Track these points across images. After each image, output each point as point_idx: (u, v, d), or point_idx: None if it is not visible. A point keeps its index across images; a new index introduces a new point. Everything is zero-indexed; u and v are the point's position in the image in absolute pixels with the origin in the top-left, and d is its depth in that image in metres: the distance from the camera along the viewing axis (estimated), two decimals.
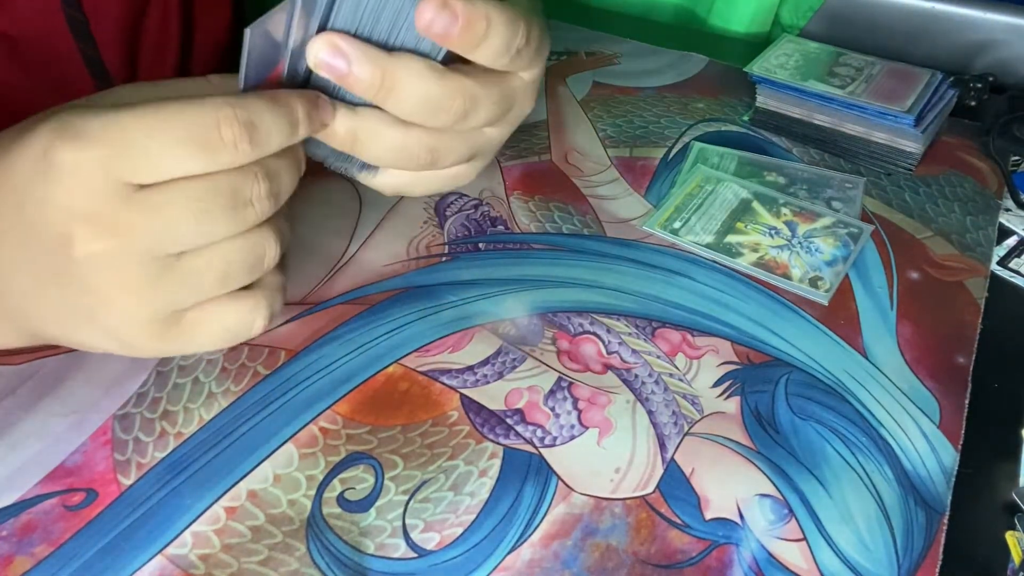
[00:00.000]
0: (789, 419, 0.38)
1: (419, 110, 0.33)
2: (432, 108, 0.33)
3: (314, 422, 0.36)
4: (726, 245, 0.46)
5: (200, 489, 0.34)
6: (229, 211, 0.30)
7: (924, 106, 0.53)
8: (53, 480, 0.34)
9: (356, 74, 0.32)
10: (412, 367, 0.39)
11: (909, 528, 0.34)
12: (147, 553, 0.32)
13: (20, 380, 0.37)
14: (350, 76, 0.32)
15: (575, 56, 0.64)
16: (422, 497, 0.34)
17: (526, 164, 0.52)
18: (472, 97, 0.33)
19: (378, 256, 0.45)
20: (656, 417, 0.37)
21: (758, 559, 0.33)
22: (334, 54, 0.31)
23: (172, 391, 0.37)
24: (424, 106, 0.33)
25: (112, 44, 0.47)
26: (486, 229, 0.47)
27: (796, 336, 0.41)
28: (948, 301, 0.44)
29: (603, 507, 0.34)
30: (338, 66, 0.31)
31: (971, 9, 0.62)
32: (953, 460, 0.36)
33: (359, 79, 0.32)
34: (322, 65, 0.32)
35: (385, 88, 0.32)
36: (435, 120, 0.34)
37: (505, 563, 0.32)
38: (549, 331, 0.41)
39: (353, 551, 0.32)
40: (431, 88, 0.33)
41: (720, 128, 0.56)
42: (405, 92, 0.32)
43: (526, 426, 0.37)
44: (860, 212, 0.49)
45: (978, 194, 0.51)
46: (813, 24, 0.67)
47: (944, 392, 0.39)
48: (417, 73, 0.32)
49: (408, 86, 0.32)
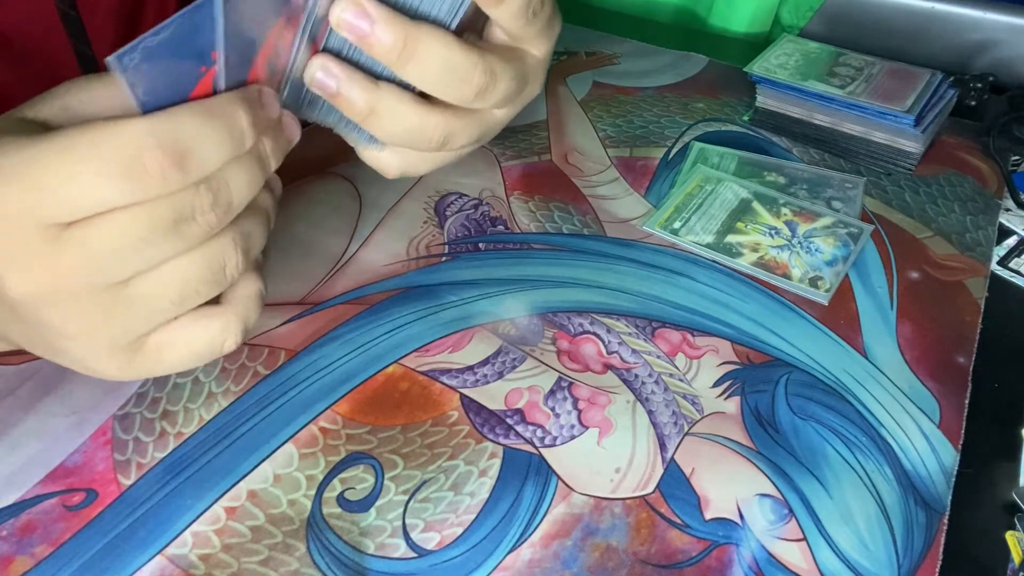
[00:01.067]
0: (789, 419, 0.38)
1: (441, 79, 0.32)
2: (454, 78, 0.32)
3: (314, 422, 0.36)
4: (726, 245, 0.46)
5: (200, 489, 0.34)
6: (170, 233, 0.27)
7: (924, 106, 0.53)
8: (53, 480, 0.34)
9: (378, 35, 0.30)
10: (412, 367, 0.39)
11: (909, 528, 0.34)
12: (147, 553, 0.32)
13: (20, 380, 0.37)
14: (372, 37, 0.30)
15: (575, 56, 0.64)
16: (422, 497, 0.34)
17: (526, 164, 0.52)
18: (492, 72, 0.32)
19: (378, 256, 0.45)
20: (656, 417, 0.37)
21: (758, 559, 0.33)
22: (358, 15, 0.30)
23: (172, 391, 0.37)
24: (446, 75, 0.32)
25: (106, 41, 0.46)
26: (486, 229, 0.47)
27: (796, 336, 0.42)
28: (948, 301, 0.44)
29: (603, 507, 0.34)
30: (361, 27, 0.30)
31: (971, 9, 0.62)
32: (953, 460, 0.36)
33: (381, 41, 0.30)
34: (344, 24, 0.30)
35: (407, 53, 0.31)
36: (455, 92, 0.32)
37: (505, 563, 0.32)
38: (549, 331, 0.41)
39: (353, 551, 0.32)
40: (454, 56, 0.31)
41: (720, 128, 0.56)
42: (427, 59, 0.31)
43: (526, 426, 0.37)
44: (860, 212, 0.49)
45: (978, 194, 0.51)
46: (813, 24, 0.67)
47: (944, 392, 0.39)
48: (441, 40, 0.31)
49: (431, 53, 0.31)
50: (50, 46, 0.44)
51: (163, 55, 0.26)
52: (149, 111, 0.27)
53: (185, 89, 0.28)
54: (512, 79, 0.34)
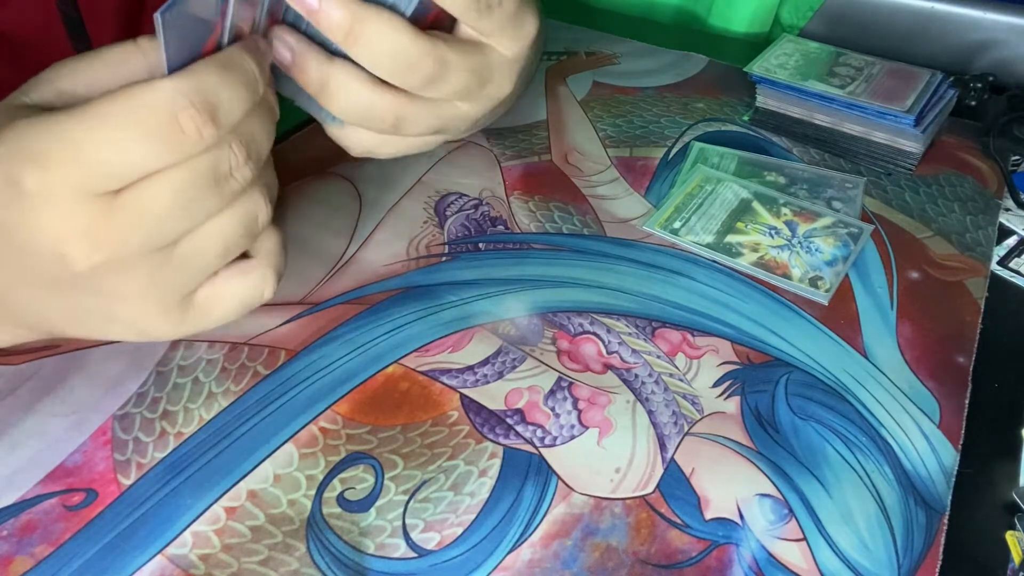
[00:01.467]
0: (789, 419, 0.38)
1: (388, 64, 0.32)
2: (402, 64, 0.32)
3: (314, 422, 0.36)
4: (726, 245, 0.46)
5: (200, 489, 0.34)
6: (213, 191, 0.29)
7: (924, 106, 0.53)
8: (53, 480, 0.34)
9: (327, 11, 0.31)
10: (412, 367, 0.39)
11: (909, 528, 0.34)
12: (147, 553, 0.32)
13: (20, 380, 0.37)
14: (320, 13, 0.31)
15: (575, 56, 0.64)
16: (422, 497, 0.34)
17: (526, 164, 0.52)
18: (443, 61, 0.33)
19: (378, 256, 0.45)
20: (656, 417, 0.37)
21: (758, 559, 0.33)
22: None
23: (172, 391, 0.37)
24: (393, 60, 0.32)
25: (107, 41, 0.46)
26: (486, 229, 0.47)
27: (796, 336, 0.41)
28: (948, 301, 0.44)
29: (603, 507, 0.34)
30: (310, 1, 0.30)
31: (971, 9, 0.62)
32: (953, 460, 0.36)
33: (328, 17, 0.31)
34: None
35: (355, 33, 0.31)
36: (404, 78, 0.33)
37: (505, 563, 0.32)
38: (549, 331, 0.41)
39: (353, 551, 0.32)
40: (403, 42, 0.32)
41: (720, 128, 0.56)
42: (376, 42, 0.32)
43: (526, 426, 0.37)
44: (860, 212, 0.49)
45: (978, 194, 0.51)
46: (813, 24, 0.67)
47: (944, 392, 0.39)
48: (390, 25, 0.31)
49: (379, 37, 0.31)
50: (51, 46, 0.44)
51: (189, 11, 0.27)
52: (173, 69, 0.28)
53: (199, 46, 0.29)
54: (467, 71, 0.34)
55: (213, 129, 0.28)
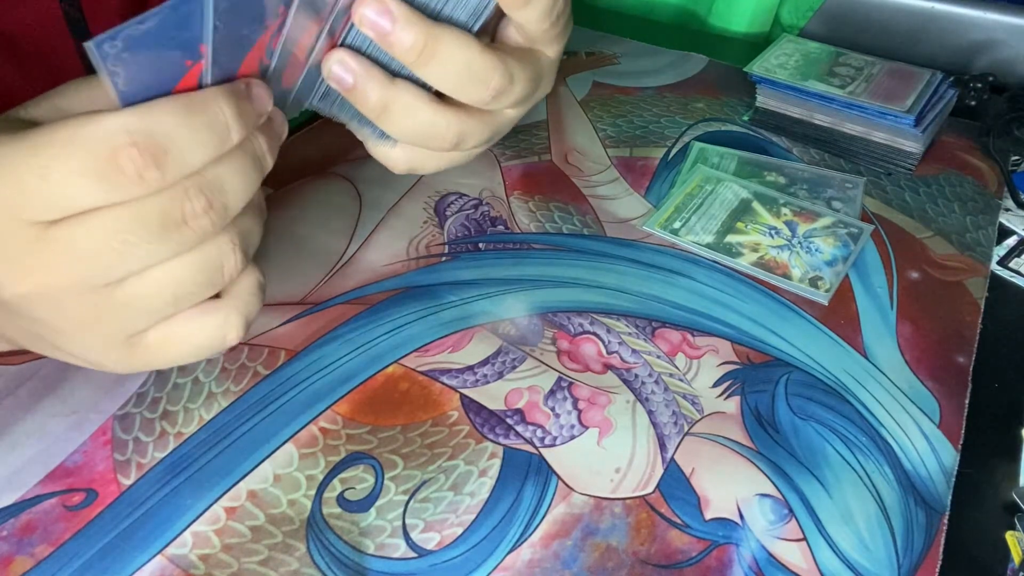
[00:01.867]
0: (789, 419, 0.38)
1: (459, 81, 0.32)
2: (473, 80, 0.32)
3: (314, 422, 0.36)
4: (726, 245, 0.46)
5: (200, 489, 0.34)
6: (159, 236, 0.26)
7: (924, 106, 0.53)
8: (53, 480, 0.34)
9: (399, 35, 0.30)
10: (412, 367, 0.39)
11: (909, 528, 0.34)
12: (147, 553, 0.32)
13: (20, 380, 0.37)
14: (392, 36, 0.30)
15: (575, 56, 0.64)
16: (422, 497, 0.34)
17: (526, 164, 0.52)
18: (511, 74, 0.33)
19: (378, 256, 0.45)
20: (656, 417, 0.37)
21: (758, 559, 0.33)
22: (381, 12, 0.30)
23: (172, 391, 0.37)
24: (464, 77, 0.32)
25: None
26: (486, 229, 0.47)
27: (796, 336, 0.42)
28: (948, 301, 0.44)
29: (603, 507, 0.34)
30: (382, 25, 0.30)
31: (971, 9, 0.62)
32: (953, 460, 0.36)
33: (401, 41, 0.30)
34: (366, 22, 0.30)
35: (427, 53, 0.31)
36: (472, 94, 0.33)
37: (505, 563, 0.32)
38: (549, 331, 0.41)
39: (353, 551, 0.32)
40: (474, 58, 0.31)
41: (720, 128, 0.56)
42: (447, 61, 0.31)
43: (526, 426, 0.37)
44: (860, 212, 0.49)
45: (978, 194, 0.51)
46: (813, 24, 0.67)
47: (944, 392, 0.39)
48: (461, 42, 0.31)
49: (451, 54, 0.31)
50: (54, 47, 0.44)
51: (147, 45, 0.25)
52: (129, 103, 0.25)
53: (169, 82, 0.26)
54: (529, 80, 0.34)
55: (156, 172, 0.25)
